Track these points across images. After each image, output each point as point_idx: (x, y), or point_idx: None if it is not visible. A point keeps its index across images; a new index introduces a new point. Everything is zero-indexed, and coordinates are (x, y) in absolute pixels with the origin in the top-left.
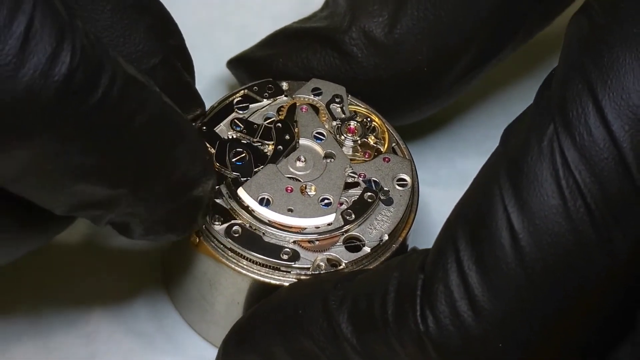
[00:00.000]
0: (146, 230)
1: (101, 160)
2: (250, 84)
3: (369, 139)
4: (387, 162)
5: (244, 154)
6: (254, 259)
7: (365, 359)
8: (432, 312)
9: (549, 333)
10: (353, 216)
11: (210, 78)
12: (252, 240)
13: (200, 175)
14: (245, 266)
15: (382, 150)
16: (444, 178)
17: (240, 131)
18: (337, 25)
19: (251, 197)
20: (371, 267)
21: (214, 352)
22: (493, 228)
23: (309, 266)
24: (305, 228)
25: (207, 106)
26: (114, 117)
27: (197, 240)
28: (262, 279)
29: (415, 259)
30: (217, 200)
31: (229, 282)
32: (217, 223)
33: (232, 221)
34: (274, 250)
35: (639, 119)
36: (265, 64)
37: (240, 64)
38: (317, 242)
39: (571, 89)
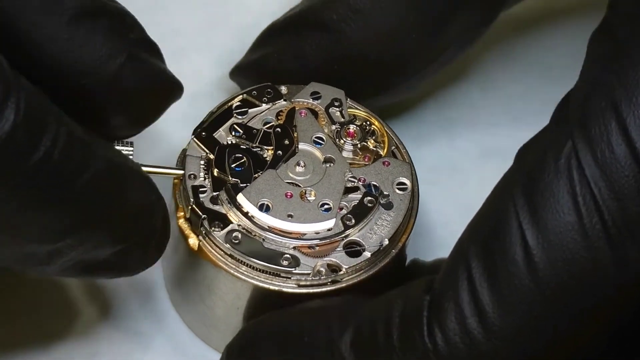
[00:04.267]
0: (89, 274)
1: (40, 217)
2: (248, 89)
3: (369, 143)
4: (387, 166)
5: (243, 160)
6: (254, 265)
7: None
8: (441, 330)
9: (561, 350)
10: (353, 221)
11: (210, 78)
12: (252, 246)
13: (146, 219)
14: (244, 272)
15: (381, 154)
16: (444, 177)
17: (240, 136)
18: (318, 3)
19: (251, 202)
20: (372, 272)
21: (213, 353)
22: (507, 244)
23: (309, 272)
24: (305, 234)
25: (206, 109)
26: (55, 177)
27: (197, 245)
28: (261, 284)
29: (418, 284)
30: (217, 207)
31: (228, 288)
32: (217, 229)
33: (232, 227)
34: (274, 256)
35: None
36: (261, 66)
37: (240, 73)
38: (317, 248)
39: (593, 106)
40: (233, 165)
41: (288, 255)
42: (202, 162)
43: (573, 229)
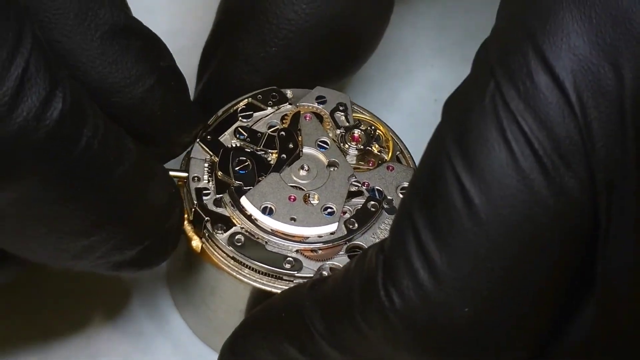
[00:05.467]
0: (115, 270)
1: (78, 210)
2: (254, 92)
3: (373, 148)
4: (391, 170)
5: (247, 163)
6: (257, 268)
7: (341, 352)
8: (395, 288)
9: (509, 285)
10: (356, 225)
11: None
12: (254, 249)
13: (168, 212)
14: (247, 274)
15: (386, 158)
16: None
17: (244, 140)
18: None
19: (254, 205)
20: None
21: (214, 355)
22: (444, 192)
23: (312, 275)
24: (308, 237)
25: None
26: (94, 167)
27: (200, 247)
28: (264, 287)
29: (373, 247)
30: (220, 209)
31: (230, 290)
32: (219, 232)
33: (235, 230)
34: (277, 259)
35: (580, 59)
36: (211, 92)
37: (200, 109)
38: (320, 251)
39: (510, 40)
40: (237, 168)
41: (291, 259)
42: (206, 165)
43: (506, 165)
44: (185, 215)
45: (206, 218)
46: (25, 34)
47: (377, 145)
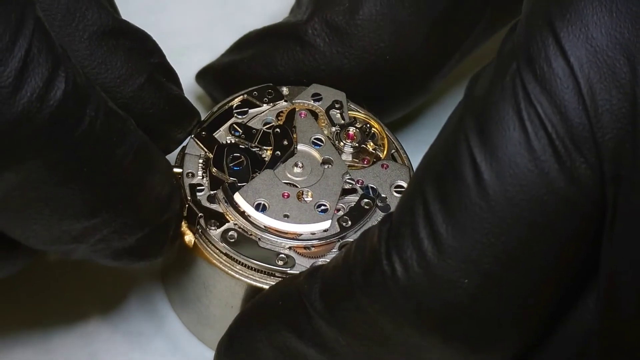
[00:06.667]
0: (114, 258)
1: (80, 191)
2: (250, 89)
3: (368, 145)
4: (386, 168)
5: (241, 159)
6: (249, 264)
7: (341, 331)
8: (398, 256)
9: (512, 264)
10: (349, 223)
11: None
12: (247, 245)
13: (168, 202)
14: (239, 271)
15: (381, 156)
16: None
17: (239, 136)
18: (299, 19)
19: (247, 202)
20: None
21: (210, 353)
22: (456, 165)
23: None
24: (301, 234)
25: (206, 111)
26: (97, 148)
27: (193, 242)
28: (256, 283)
29: (377, 223)
30: (213, 205)
31: (223, 286)
32: (212, 228)
33: (228, 226)
34: (269, 256)
35: (596, 50)
36: (229, 71)
37: (207, 75)
38: (313, 249)
39: (531, 26)
40: (231, 165)
41: (283, 255)
42: (201, 161)
43: (519, 145)
44: None
45: (199, 214)
46: (27, 16)
47: (372, 143)
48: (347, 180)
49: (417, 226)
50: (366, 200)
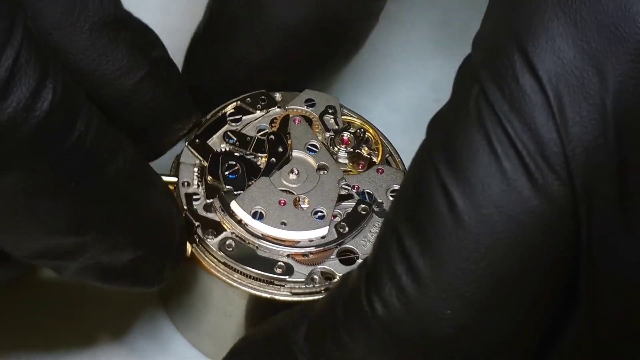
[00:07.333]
0: (105, 280)
1: (68, 206)
2: (242, 96)
3: (363, 150)
4: (381, 173)
5: (237, 167)
6: (247, 272)
7: None
8: (377, 294)
9: (495, 288)
10: (347, 229)
11: None
12: (245, 254)
13: (167, 225)
14: (237, 279)
15: (375, 161)
16: None
17: (233, 144)
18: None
19: (244, 210)
20: None
21: None
22: (428, 197)
23: (303, 280)
24: (299, 241)
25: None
26: (85, 164)
27: (190, 253)
28: (255, 292)
29: (357, 268)
30: (210, 214)
31: (221, 295)
32: (210, 237)
33: (225, 235)
34: (268, 264)
35: (564, 62)
36: (201, 93)
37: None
38: (311, 256)
39: (496, 43)
40: (226, 173)
41: (281, 263)
42: (196, 170)
43: (490, 166)
44: None
45: (196, 223)
46: (16, 26)
47: (366, 148)
48: (343, 186)
49: (394, 262)
50: (363, 205)
